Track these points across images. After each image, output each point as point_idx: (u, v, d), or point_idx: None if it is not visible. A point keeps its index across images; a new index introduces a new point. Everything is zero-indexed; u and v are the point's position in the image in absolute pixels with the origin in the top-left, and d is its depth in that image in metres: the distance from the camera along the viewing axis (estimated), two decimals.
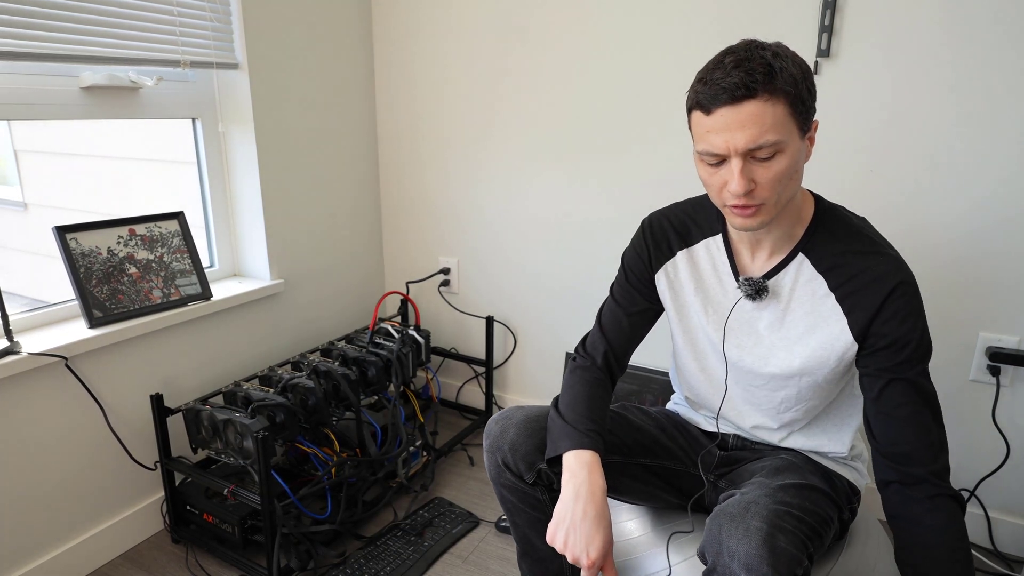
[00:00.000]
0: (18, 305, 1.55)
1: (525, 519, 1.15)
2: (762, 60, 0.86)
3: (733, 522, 0.88)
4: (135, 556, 1.63)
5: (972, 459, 1.68)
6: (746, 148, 0.87)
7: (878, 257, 0.97)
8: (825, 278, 1.00)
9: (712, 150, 0.90)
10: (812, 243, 1.01)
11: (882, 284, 0.95)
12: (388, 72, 2.17)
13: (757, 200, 0.91)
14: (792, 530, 0.87)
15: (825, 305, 1.00)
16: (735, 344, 1.09)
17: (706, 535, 0.91)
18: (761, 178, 0.90)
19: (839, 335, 0.99)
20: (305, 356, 1.83)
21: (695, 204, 1.15)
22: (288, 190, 1.94)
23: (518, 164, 2.03)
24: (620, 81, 1.82)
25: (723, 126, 0.88)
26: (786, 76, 0.87)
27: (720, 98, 0.87)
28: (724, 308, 1.09)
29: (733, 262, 1.08)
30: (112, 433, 1.58)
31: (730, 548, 0.86)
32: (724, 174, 0.92)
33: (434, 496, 1.86)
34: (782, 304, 1.04)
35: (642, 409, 1.26)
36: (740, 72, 0.86)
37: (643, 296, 1.18)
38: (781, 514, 0.88)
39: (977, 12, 1.43)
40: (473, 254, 2.20)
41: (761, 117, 0.86)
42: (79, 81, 1.49)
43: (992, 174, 1.49)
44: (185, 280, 1.69)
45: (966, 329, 1.60)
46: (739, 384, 1.12)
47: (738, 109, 0.86)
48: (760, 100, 0.86)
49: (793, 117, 0.88)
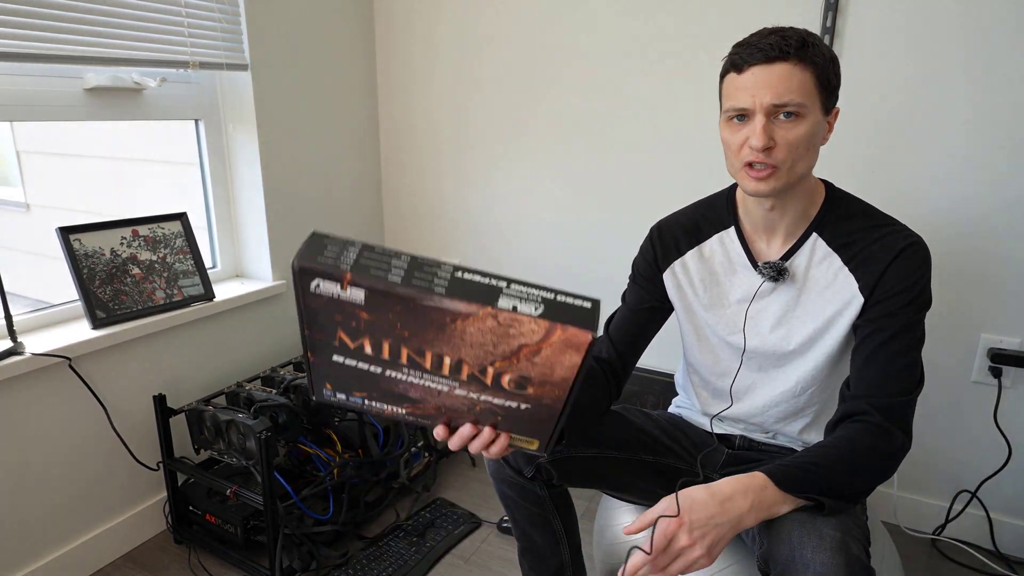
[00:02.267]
0: (21, 306, 1.55)
1: (525, 515, 1.15)
2: (797, 32, 0.93)
3: (804, 529, 0.85)
4: (137, 556, 1.64)
5: (974, 460, 1.68)
6: (771, 104, 0.92)
7: (891, 229, 1.00)
8: (839, 254, 1.02)
9: (738, 104, 0.94)
10: (824, 222, 1.04)
11: (893, 245, 0.98)
12: (390, 74, 2.18)
13: (773, 160, 0.94)
14: (858, 537, 0.86)
15: (839, 278, 1.02)
16: (755, 331, 1.10)
17: (772, 542, 0.87)
18: (780, 138, 0.93)
19: (851, 299, 1.01)
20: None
21: (705, 203, 1.17)
22: (290, 191, 1.95)
23: (520, 166, 2.03)
24: (623, 84, 1.82)
25: (753, 83, 0.93)
26: (817, 51, 0.93)
27: (755, 56, 0.92)
28: (743, 297, 1.10)
29: (748, 251, 1.09)
30: (115, 433, 1.58)
31: (804, 557, 0.82)
32: (746, 131, 0.95)
33: (436, 497, 1.86)
34: (798, 284, 1.06)
35: (643, 411, 1.26)
36: (775, 37, 0.92)
37: (649, 294, 1.19)
38: (848, 521, 0.86)
39: (979, 11, 1.43)
40: (474, 255, 2.20)
41: (789, 78, 0.92)
42: (83, 82, 1.49)
43: (994, 174, 1.50)
44: (188, 281, 1.69)
45: (968, 330, 1.60)
46: (761, 370, 1.13)
47: (770, 69, 0.92)
48: (790, 63, 0.91)
49: (818, 89, 0.94)
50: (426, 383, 0.72)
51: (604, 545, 1.26)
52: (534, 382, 0.69)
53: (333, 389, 0.76)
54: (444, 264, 0.64)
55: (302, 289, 0.64)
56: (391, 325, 0.66)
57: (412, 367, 0.70)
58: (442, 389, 0.72)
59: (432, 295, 0.62)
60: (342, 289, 0.63)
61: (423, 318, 0.64)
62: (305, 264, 0.62)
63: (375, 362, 0.70)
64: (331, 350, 0.70)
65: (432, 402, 0.75)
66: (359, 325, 0.66)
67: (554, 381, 0.68)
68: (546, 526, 1.18)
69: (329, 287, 0.63)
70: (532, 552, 1.20)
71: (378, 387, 0.74)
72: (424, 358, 0.68)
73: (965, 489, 1.70)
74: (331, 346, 0.70)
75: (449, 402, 0.74)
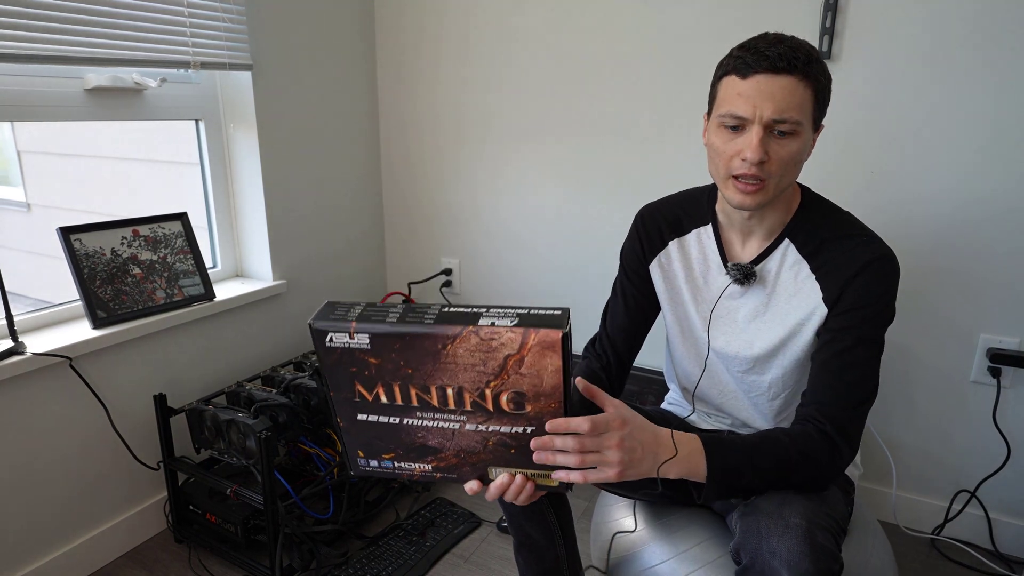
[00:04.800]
0: (22, 306, 1.56)
1: (519, 509, 1.16)
2: (803, 46, 0.92)
3: (771, 519, 0.87)
4: (138, 556, 1.64)
5: (973, 460, 1.68)
6: (771, 118, 0.91)
7: (861, 240, 1.00)
8: (808, 261, 1.03)
9: (737, 112, 0.92)
10: (797, 229, 1.04)
11: (860, 257, 0.98)
12: (390, 73, 2.18)
13: (763, 173, 0.94)
14: (827, 526, 0.88)
15: (806, 286, 1.03)
16: (721, 331, 1.11)
17: (742, 533, 0.90)
18: (774, 153, 0.93)
19: (815, 307, 1.01)
20: (307, 356, 1.83)
21: (687, 196, 1.18)
22: (290, 191, 1.95)
23: (520, 165, 2.03)
24: (622, 83, 1.82)
25: (756, 91, 0.91)
26: (820, 68, 0.93)
27: (761, 64, 0.90)
28: (712, 296, 1.12)
29: (722, 251, 1.10)
30: (115, 433, 1.59)
31: (771, 546, 0.85)
32: (740, 142, 0.94)
33: (436, 496, 1.86)
34: (768, 289, 1.06)
35: (635, 407, 1.27)
36: (784, 47, 0.90)
37: (640, 290, 1.20)
38: (815, 510, 0.89)
39: (979, 11, 1.43)
40: (475, 255, 2.20)
41: (792, 93, 0.90)
42: (83, 83, 1.49)
43: (994, 175, 1.50)
44: (188, 281, 1.70)
45: (967, 330, 1.60)
46: (729, 372, 1.14)
47: (774, 79, 0.90)
48: (796, 78, 0.90)
49: (813, 107, 0.93)
50: (439, 423, 0.82)
51: (600, 541, 1.27)
52: (529, 397, 0.77)
53: (366, 457, 0.88)
54: (432, 305, 0.76)
55: (319, 345, 0.77)
56: (395, 365, 0.77)
57: (423, 408, 0.80)
58: (454, 428, 0.82)
59: (422, 326, 0.73)
60: (350, 338, 0.75)
61: (419, 350, 0.75)
62: (319, 324, 0.76)
63: (392, 412, 0.82)
64: (354, 408, 0.82)
65: (450, 447, 0.84)
66: (371, 373, 0.78)
67: (546, 391, 0.76)
68: (541, 520, 1.18)
69: (340, 338, 0.76)
70: (528, 547, 1.21)
71: (401, 441, 0.84)
72: (430, 395, 0.79)
73: (964, 489, 1.70)
74: (353, 402, 0.82)
75: (464, 443, 0.83)
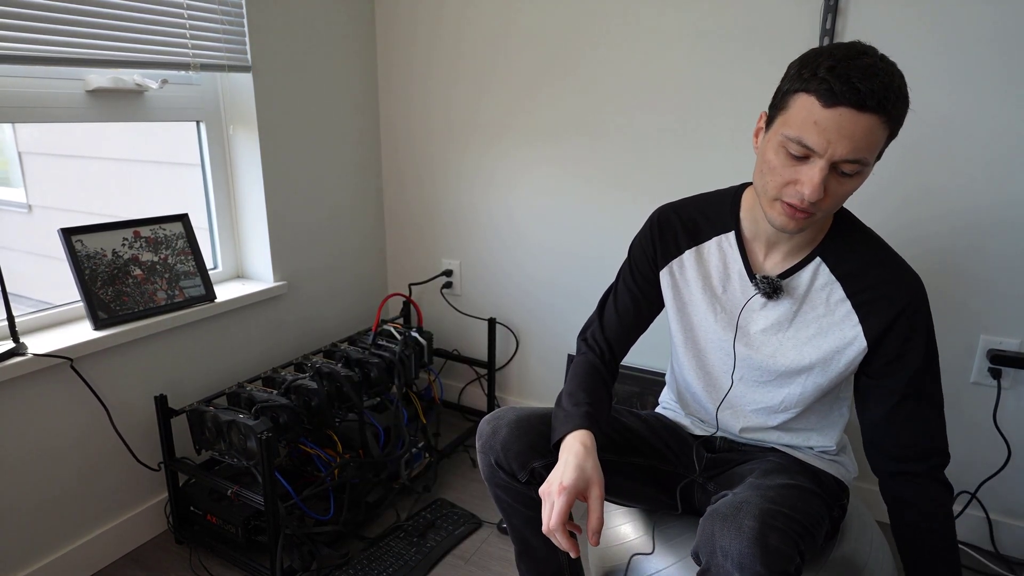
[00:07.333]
0: (23, 307, 1.56)
1: (521, 519, 1.15)
2: (895, 79, 0.85)
3: (725, 522, 0.89)
4: (139, 557, 1.64)
5: (973, 461, 1.68)
6: (843, 158, 0.86)
7: (895, 269, 1.00)
8: (841, 283, 1.02)
9: (808, 142, 0.87)
10: (830, 248, 1.03)
11: (898, 296, 0.99)
12: (391, 74, 2.18)
13: (816, 208, 0.91)
14: (784, 529, 0.88)
15: (840, 310, 1.02)
16: (744, 342, 1.10)
17: (699, 536, 0.92)
18: (833, 191, 0.90)
19: (853, 340, 1.02)
20: (308, 357, 1.83)
21: (708, 199, 1.15)
22: (291, 192, 1.95)
23: (520, 166, 2.04)
24: (624, 84, 1.82)
25: (835, 127, 0.85)
26: (905, 105, 0.87)
27: (848, 98, 0.83)
28: (735, 305, 1.10)
29: (746, 260, 1.09)
30: (116, 434, 1.59)
31: (723, 547, 0.87)
32: (801, 172, 0.89)
33: (436, 497, 1.86)
34: (795, 304, 1.05)
35: (632, 412, 1.27)
36: (878, 82, 0.83)
37: (643, 291, 1.19)
38: (773, 513, 0.89)
39: (979, 11, 1.43)
40: (475, 256, 2.20)
41: (871, 134, 0.85)
42: (84, 84, 1.50)
43: (994, 176, 1.50)
44: (189, 282, 1.70)
45: (967, 332, 1.60)
46: (744, 382, 1.13)
47: (858, 117, 0.84)
48: (879, 118, 0.84)
49: (885, 142, 0.89)
50: None
51: (599, 548, 1.26)
52: None
53: None
54: None
55: None
56: None
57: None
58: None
59: None
60: None
61: None
62: None
63: None
64: None
65: None
66: None
67: None
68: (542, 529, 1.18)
69: None
70: (529, 555, 1.21)
71: None
72: None
73: (965, 490, 1.70)
74: None
75: None
